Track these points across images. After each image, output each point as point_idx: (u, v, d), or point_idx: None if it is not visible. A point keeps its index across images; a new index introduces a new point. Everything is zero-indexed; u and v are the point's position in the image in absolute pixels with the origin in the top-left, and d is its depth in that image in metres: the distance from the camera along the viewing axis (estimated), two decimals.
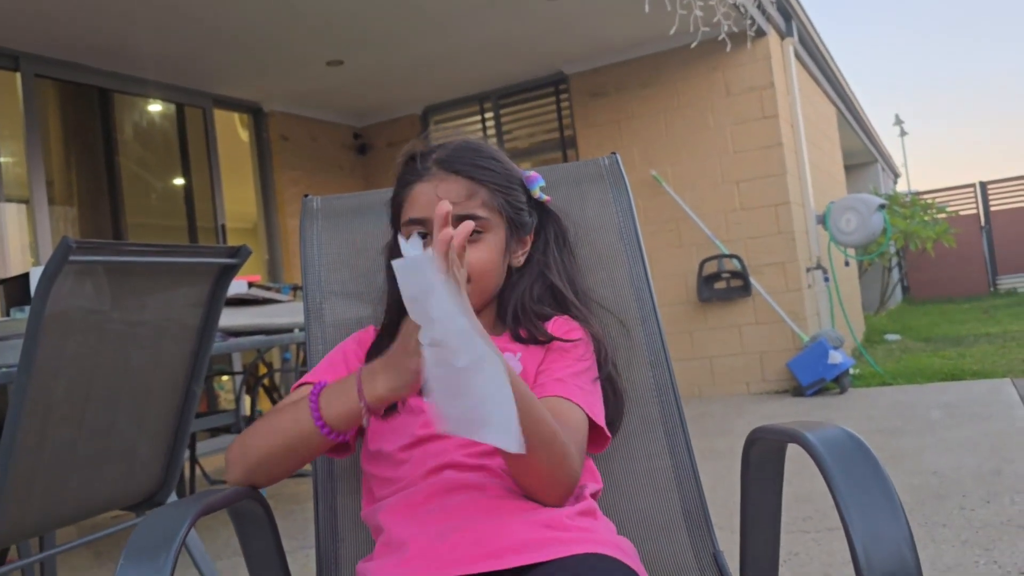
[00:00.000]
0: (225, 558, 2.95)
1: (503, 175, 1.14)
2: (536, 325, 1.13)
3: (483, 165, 1.12)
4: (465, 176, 1.10)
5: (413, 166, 1.14)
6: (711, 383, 5.90)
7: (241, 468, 1.01)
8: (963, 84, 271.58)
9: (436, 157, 1.12)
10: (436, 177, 1.10)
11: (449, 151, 1.13)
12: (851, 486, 0.73)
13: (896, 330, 8.76)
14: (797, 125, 6.07)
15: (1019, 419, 3.91)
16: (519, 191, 1.17)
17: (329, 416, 0.95)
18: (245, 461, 1.01)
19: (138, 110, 5.73)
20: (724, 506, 2.80)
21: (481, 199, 1.10)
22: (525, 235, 1.19)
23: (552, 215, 1.24)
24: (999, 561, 2.19)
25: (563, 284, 1.20)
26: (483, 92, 6.71)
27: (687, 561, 1.19)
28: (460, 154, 1.12)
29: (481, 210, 1.10)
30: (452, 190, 1.09)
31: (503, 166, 1.15)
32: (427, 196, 1.09)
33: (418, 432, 1.03)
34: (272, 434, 1.00)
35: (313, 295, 1.36)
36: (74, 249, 1.43)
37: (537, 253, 1.21)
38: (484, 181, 1.11)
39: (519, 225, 1.16)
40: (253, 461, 1.00)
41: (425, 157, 1.13)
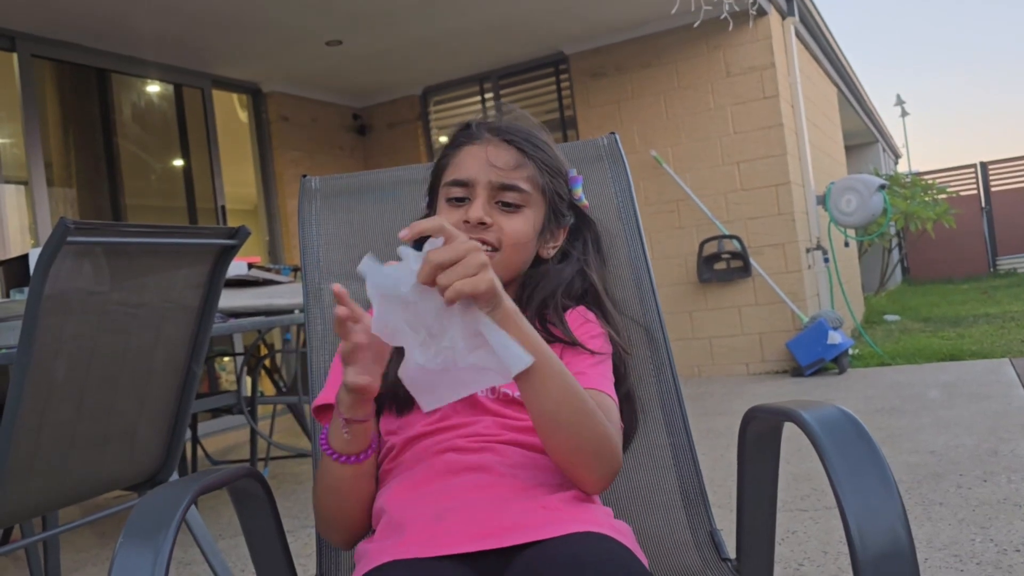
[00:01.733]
0: (228, 537, 2.97)
1: (553, 159, 1.15)
2: (563, 321, 1.11)
3: (535, 142, 1.13)
4: (516, 147, 1.11)
5: (467, 131, 1.15)
6: (711, 363, 5.92)
7: (324, 529, 1.07)
8: (966, 65, 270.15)
9: (491, 125, 1.13)
10: (488, 142, 1.11)
11: (505, 122, 1.14)
12: (845, 464, 0.74)
13: (895, 311, 8.77)
14: (798, 105, 6.04)
15: (1017, 399, 3.92)
16: (563, 182, 1.17)
17: (340, 447, 0.98)
18: (323, 523, 1.06)
19: (136, 91, 5.70)
20: (723, 485, 2.82)
21: (527, 173, 1.11)
22: (561, 227, 1.18)
23: (589, 221, 1.23)
24: (995, 539, 2.21)
25: (600, 286, 1.19)
26: (483, 72, 6.68)
27: (684, 539, 1.20)
28: (516, 127, 1.13)
29: (525, 183, 1.11)
30: (502, 156, 1.10)
31: (554, 152, 1.17)
32: (475, 158, 1.10)
33: (423, 429, 1.04)
34: (323, 490, 1.03)
35: (312, 276, 1.37)
36: (72, 230, 1.43)
37: (576, 251, 1.20)
38: (533, 156, 1.12)
39: (557, 213, 1.16)
40: (324, 516, 1.05)
41: (480, 125, 1.14)
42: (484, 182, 1.09)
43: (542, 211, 1.14)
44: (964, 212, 12.38)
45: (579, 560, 0.80)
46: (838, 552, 2.24)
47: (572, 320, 1.13)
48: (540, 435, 0.95)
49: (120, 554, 0.72)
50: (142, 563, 0.71)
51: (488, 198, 1.09)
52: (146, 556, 0.71)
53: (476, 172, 1.10)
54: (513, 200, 1.10)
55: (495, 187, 1.09)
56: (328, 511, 1.04)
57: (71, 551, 3.03)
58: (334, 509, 1.03)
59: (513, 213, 1.10)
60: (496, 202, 1.10)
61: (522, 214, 1.10)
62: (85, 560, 2.93)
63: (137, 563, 0.71)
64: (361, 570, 0.92)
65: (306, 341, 1.35)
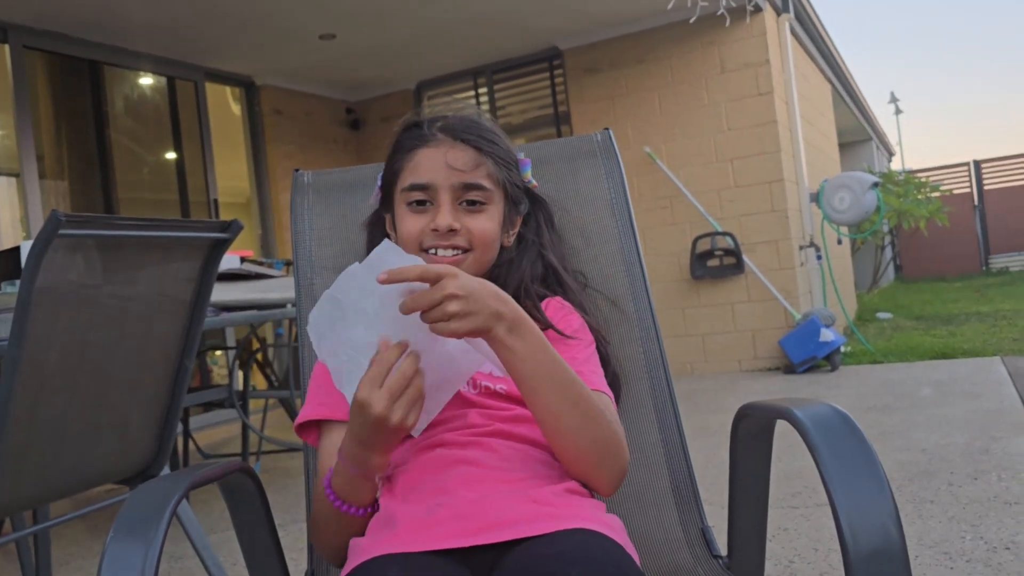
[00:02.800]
0: (219, 531, 2.96)
1: (505, 151, 1.15)
2: (538, 308, 1.13)
3: (489, 138, 1.12)
4: (473, 146, 1.10)
5: (417, 132, 1.13)
6: (703, 360, 5.93)
7: (318, 546, 1.05)
8: (960, 64, 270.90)
9: (441, 125, 1.12)
10: (444, 144, 1.10)
11: (455, 120, 1.13)
12: (837, 462, 0.74)
13: (888, 308, 8.80)
14: (792, 102, 6.05)
15: (1008, 397, 3.94)
16: (517, 171, 1.18)
17: (355, 500, 0.96)
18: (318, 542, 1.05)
19: (129, 83, 5.68)
20: (715, 482, 2.83)
21: (487, 170, 1.10)
22: (518, 215, 1.19)
23: (540, 200, 1.24)
24: (985, 537, 2.22)
25: (559, 265, 1.21)
26: (477, 67, 6.66)
27: (675, 536, 1.20)
28: (467, 124, 1.12)
29: (486, 181, 1.10)
30: (460, 158, 1.09)
31: (505, 143, 1.16)
32: (433, 161, 1.09)
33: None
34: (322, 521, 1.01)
35: (304, 270, 1.36)
36: (63, 223, 1.43)
37: (530, 234, 1.21)
38: (490, 153, 1.11)
39: (516, 203, 1.17)
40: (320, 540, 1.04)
41: (430, 124, 1.12)
42: (447, 186, 1.09)
43: (502, 204, 1.14)
44: (957, 210, 12.42)
45: (568, 557, 0.80)
46: (829, 549, 2.25)
47: (551, 312, 1.14)
48: (549, 440, 0.97)
49: (111, 548, 0.72)
50: (133, 557, 0.71)
51: (452, 201, 1.09)
52: (137, 550, 0.71)
53: (436, 176, 1.08)
54: (477, 198, 1.10)
55: (458, 189, 1.09)
56: (325, 536, 1.02)
57: (63, 544, 3.02)
58: (331, 536, 1.01)
59: (478, 212, 1.10)
60: (460, 203, 1.09)
61: (487, 212, 1.11)
62: (76, 554, 2.92)
63: (128, 557, 0.71)
64: (352, 563, 0.92)
65: (298, 336, 1.35)
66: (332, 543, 1.02)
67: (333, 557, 1.03)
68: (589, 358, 1.10)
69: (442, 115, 1.14)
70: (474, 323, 0.85)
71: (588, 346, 1.12)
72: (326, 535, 1.02)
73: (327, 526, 1.01)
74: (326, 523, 1.01)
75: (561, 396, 0.93)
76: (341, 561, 1.02)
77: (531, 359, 0.90)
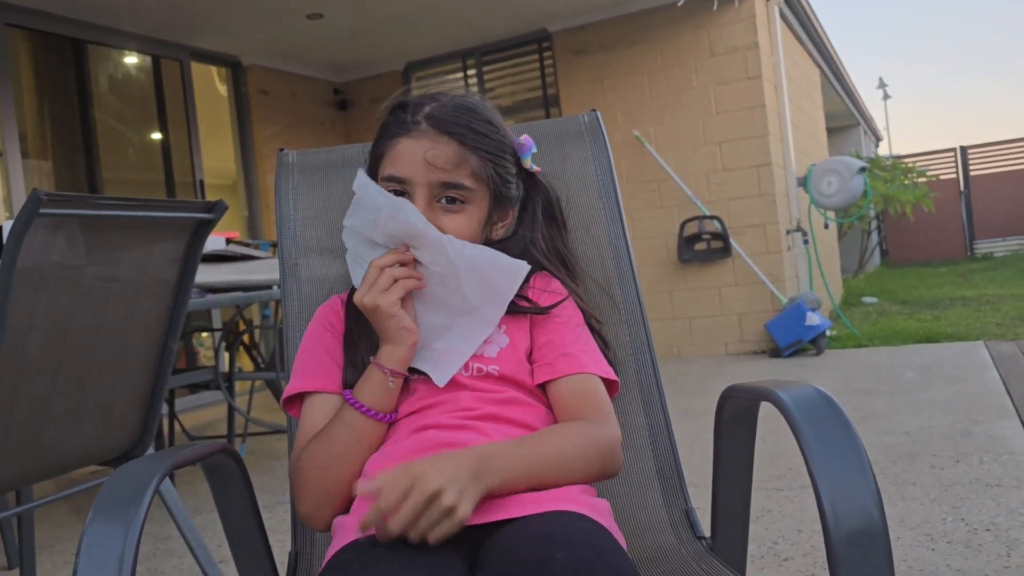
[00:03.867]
0: (204, 513, 2.96)
1: (496, 143, 1.08)
2: (522, 296, 1.10)
3: (478, 129, 1.05)
4: (457, 140, 1.03)
5: (401, 117, 1.06)
6: (690, 343, 5.95)
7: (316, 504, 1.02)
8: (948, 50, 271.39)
9: (428, 112, 1.05)
10: (426, 136, 1.03)
11: (444, 108, 1.05)
12: (820, 444, 0.74)
13: (873, 293, 8.84)
14: (780, 86, 6.04)
15: (991, 381, 3.98)
16: (509, 161, 1.11)
17: (376, 403, 1.02)
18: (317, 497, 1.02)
19: (113, 62, 5.61)
20: (700, 464, 2.84)
21: (470, 168, 1.04)
22: (509, 208, 1.14)
23: (541, 186, 1.18)
24: (966, 518, 2.24)
25: (549, 262, 1.16)
26: (466, 48, 6.62)
27: (660, 517, 1.20)
28: (455, 114, 1.05)
29: (468, 179, 1.04)
30: (441, 154, 1.02)
31: (498, 132, 1.09)
32: (412, 155, 1.03)
33: (405, 410, 1.04)
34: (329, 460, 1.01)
35: (289, 251, 1.35)
36: (45, 202, 1.41)
37: (523, 227, 1.16)
38: (476, 148, 1.04)
39: (504, 198, 1.11)
40: (322, 489, 1.01)
41: (416, 109, 1.06)
42: (423, 183, 1.03)
43: (486, 202, 1.08)
44: (943, 196, 12.48)
45: (553, 538, 0.80)
46: (812, 531, 2.27)
47: (539, 283, 1.12)
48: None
49: (90, 528, 0.71)
50: (113, 537, 0.70)
51: (428, 198, 1.04)
52: (117, 530, 0.71)
53: (413, 171, 1.03)
54: (456, 196, 1.05)
55: (436, 187, 1.04)
56: (330, 481, 1.00)
57: (46, 526, 3.01)
58: (335, 479, 1.00)
59: (456, 212, 1.05)
60: (438, 199, 1.05)
61: (465, 212, 1.06)
62: (60, 535, 2.91)
63: (108, 537, 0.70)
64: (339, 543, 0.92)
65: (284, 317, 1.34)
66: (332, 486, 1.00)
67: (327, 509, 1.01)
68: (579, 337, 1.09)
69: (433, 97, 1.08)
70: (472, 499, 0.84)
71: (576, 326, 1.10)
72: (329, 476, 1.00)
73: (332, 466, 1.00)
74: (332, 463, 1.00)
75: (550, 476, 0.94)
76: (324, 517, 1.01)
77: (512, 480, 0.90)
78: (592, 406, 1.03)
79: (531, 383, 1.06)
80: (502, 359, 1.06)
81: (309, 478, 1.02)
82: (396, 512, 0.81)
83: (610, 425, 1.02)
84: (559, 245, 1.19)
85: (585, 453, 0.98)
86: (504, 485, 0.89)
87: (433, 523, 0.81)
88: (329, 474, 1.01)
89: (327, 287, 1.32)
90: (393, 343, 1.02)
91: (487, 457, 0.88)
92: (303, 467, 1.02)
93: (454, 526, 0.81)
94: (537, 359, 1.07)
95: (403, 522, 0.80)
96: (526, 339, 1.08)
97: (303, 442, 1.04)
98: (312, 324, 1.16)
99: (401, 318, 1.02)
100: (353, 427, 1.01)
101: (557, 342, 1.07)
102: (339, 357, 1.09)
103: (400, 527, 0.80)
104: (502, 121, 1.12)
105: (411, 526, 0.81)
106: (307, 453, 1.02)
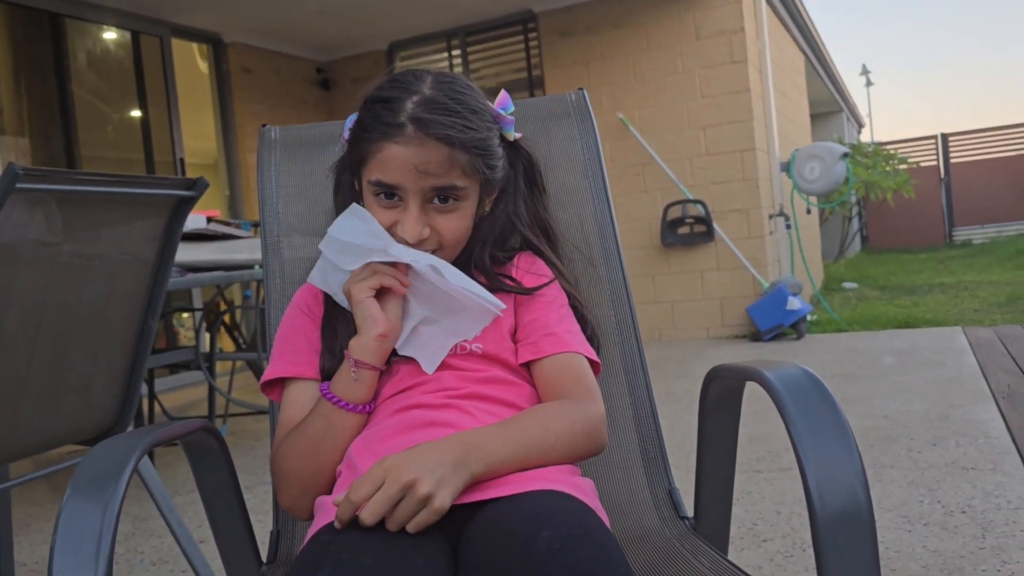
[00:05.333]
0: (184, 493, 2.95)
1: (483, 132, 1.04)
2: (507, 275, 1.10)
3: (464, 124, 1.01)
4: (446, 141, 0.99)
5: (384, 117, 1.00)
6: (671, 327, 5.97)
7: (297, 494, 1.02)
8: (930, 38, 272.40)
9: (412, 114, 0.99)
10: (413, 142, 0.99)
11: (428, 107, 1.00)
12: (807, 423, 0.74)
13: (854, 278, 8.91)
14: (765, 71, 6.04)
15: (968, 366, 4.02)
16: (496, 144, 1.08)
17: (348, 395, 1.01)
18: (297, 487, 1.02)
19: (92, 37, 5.52)
20: (680, 447, 2.86)
21: (460, 168, 1.01)
22: (495, 189, 1.12)
23: (522, 152, 1.15)
24: (942, 500, 2.27)
25: (535, 235, 1.15)
26: (450, 29, 6.57)
27: (643, 498, 1.20)
28: (440, 112, 1.00)
29: (459, 179, 1.02)
30: (432, 160, 0.99)
31: (482, 119, 1.04)
32: (401, 163, 0.99)
33: (389, 392, 1.03)
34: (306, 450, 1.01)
35: (271, 228, 1.34)
36: (21, 176, 1.38)
37: (507, 199, 1.13)
38: (466, 145, 1.01)
39: (492, 181, 1.09)
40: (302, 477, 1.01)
41: (397, 108, 1.00)
42: (415, 190, 1.00)
43: (477, 191, 1.06)
44: (923, 183, 12.56)
45: (539, 517, 0.80)
46: (791, 512, 2.29)
47: (523, 263, 1.11)
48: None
49: (68, 506, 0.70)
50: (91, 515, 0.69)
51: (422, 203, 1.02)
52: (95, 508, 0.70)
53: (403, 179, 1.00)
54: (450, 196, 1.03)
55: (427, 191, 1.01)
56: (308, 471, 1.00)
57: (24, 505, 2.98)
58: (312, 469, 1.00)
59: (450, 211, 1.03)
60: (431, 200, 1.02)
61: (459, 211, 1.04)
62: (38, 514, 2.89)
63: (86, 515, 0.69)
64: (320, 521, 0.91)
65: (265, 297, 1.32)
66: (311, 477, 1.00)
67: (307, 497, 1.01)
68: (563, 317, 1.08)
69: (413, 88, 1.02)
70: (453, 487, 0.84)
71: (561, 306, 1.10)
72: (307, 466, 1.00)
73: (310, 456, 1.00)
74: (309, 453, 1.00)
75: (535, 458, 0.93)
76: (306, 507, 1.01)
77: (497, 464, 0.90)
78: (576, 384, 1.02)
79: (515, 362, 1.05)
80: (485, 338, 1.05)
81: (289, 470, 1.02)
82: (368, 503, 0.81)
83: (594, 403, 1.02)
84: (541, 212, 1.17)
85: (570, 432, 0.97)
86: (489, 470, 0.89)
87: (410, 512, 0.81)
88: (307, 465, 1.00)
89: (309, 266, 1.30)
90: (360, 332, 1.01)
91: (470, 444, 0.88)
92: (282, 459, 1.02)
93: (432, 515, 0.81)
94: (521, 338, 1.07)
95: (374, 511, 0.80)
96: (510, 317, 1.08)
97: (283, 432, 1.04)
98: (290, 307, 1.14)
99: (369, 306, 1.01)
100: (328, 419, 1.00)
101: (541, 321, 1.07)
102: (317, 342, 1.09)
103: (372, 517, 0.80)
104: (485, 99, 1.09)
105: (388, 516, 0.81)
106: (286, 445, 1.02)
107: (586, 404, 1.01)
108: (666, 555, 1.04)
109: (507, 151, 1.13)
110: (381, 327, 1.00)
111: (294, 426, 1.03)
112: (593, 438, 1.00)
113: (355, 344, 1.01)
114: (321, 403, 1.01)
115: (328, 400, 1.01)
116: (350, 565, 0.77)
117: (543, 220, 1.17)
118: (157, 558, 2.39)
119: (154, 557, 2.40)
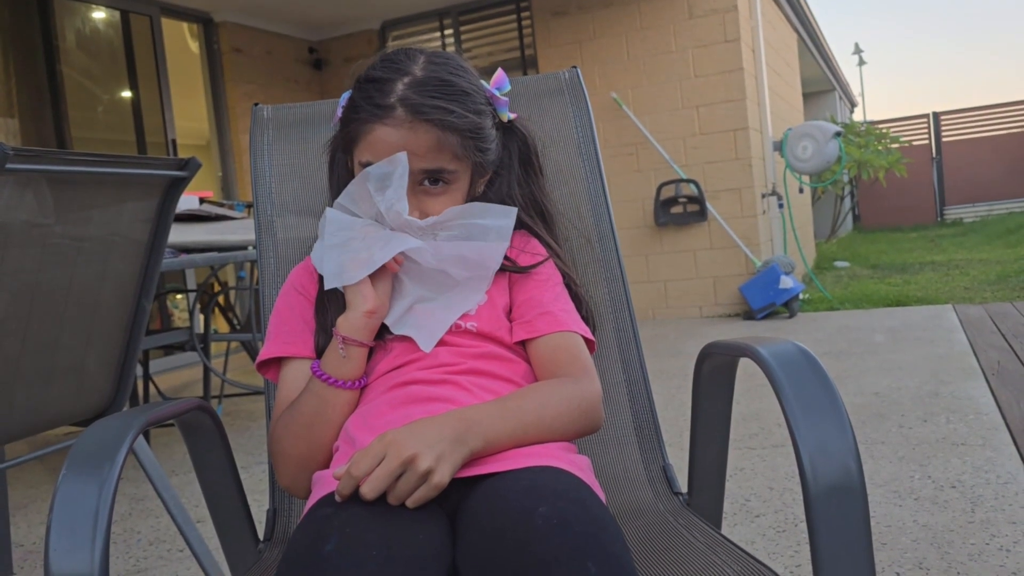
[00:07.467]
0: (181, 474, 2.95)
1: (475, 115, 1.02)
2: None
3: (456, 107, 1.00)
4: (436, 124, 0.99)
5: (375, 98, 0.99)
6: (664, 306, 5.98)
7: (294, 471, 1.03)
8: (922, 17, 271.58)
9: (402, 96, 0.99)
10: (403, 125, 0.98)
11: (418, 88, 0.99)
12: (800, 399, 0.74)
13: (845, 257, 8.93)
14: (758, 50, 6.02)
15: (958, 343, 4.04)
16: (489, 127, 1.06)
17: (338, 372, 1.01)
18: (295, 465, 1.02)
19: (81, 16, 5.46)
20: (673, 424, 2.88)
21: (451, 150, 1.01)
22: (489, 169, 1.10)
23: (517, 133, 1.14)
24: (932, 476, 2.29)
25: (529, 216, 1.14)
26: (443, 8, 6.52)
27: (637, 473, 1.21)
28: (431, 94, 0.99)
29: (449, 162, 1.01)
30: (421, 143, 0.99)
31: (474, 101, 1.03)
32: (390, 145, 0.99)
33: (385, 368, 1.04)
34: (301, 428, 1.01)
35: (264, 208, 1.33)
36: (11, 156, 1.37)
37: (501, 180, 1.13)
38: (456, 127, 1.00)
39: (484, 163, 1.08)
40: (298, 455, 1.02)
41: (388, 89, 1.00)
42: None
43: (468, 173, 1.06)
44: (915, 162, 12.56)
45: (536, 492, 0.81)
46: (783, 488, 2.30)
47: (517, 242, 1.11)
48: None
49: (63, 485, 0.70)
50: (87, 494, 0.69)
51: (411, 185, 1.01)
52: (91, 487, 0.70)
53: None
54: (439, 178, 1.02)
55: (416, 173, 1.01)
56: (303, 449, 1.01)
57: (20, 487, 2.99)
58: (307, 447, 1.01)
59: (441, 194, 1.03)
60: (420, 182, 1.02)
61: (449, 193, 1.04)
62: (35, 495, 2.90)
63: (81, 494, 0.69)
64: (318, 493, 0.92)
65: (259, 278, 1.32)
66: (308, 454, 1.01)
67: (304, 473, 1.01)
68: (558, 296, 1.08)
69: (404, 68, 1.01)
70: (452, 463, 0.84)
71: (556, 285, 1.10)
72: (304, 443, 1.01)
73: (305, 433, 1.00)
74: (305, 430, 1.00)
75: (533, 434, 0.94)
76: (304, 486, 1.02)
77: (495, 440, 0.90)
78: (573, 362, 1.03)
79: (509, 340, 1.05)
80: (480, 315, 1.05)
81: (285, 449, 1.02)
82: (368, 477, 0.81)
83: (591, 381, 1.02)
84: (536, 193, 1.16)
85: (568, 410, 0.98)
86: (488, 446, 0.89)
87: (411, 488, 0.81)
88: (302, 443, 1.01)
89: (303, 245, 1.31)
90: (349, 309, 1.02)
91: (470, 420, 0.89)
92: (278, 438, 1.03)
93: (432, 490, 0.82)
94: (516, 317, 1.07)
95: (375, 486, 0.81)
96: (504, 296, 1.08)
97: (280, 411, 1.05)
98: (285, 287, 1.14)
99: (360, 283, 1.01)
100: (320, 397, 1.01)
101: (536, 300, 1.07)
102: (311, 321, 1.09)
103: (373, 491, 0.81)
104: (479, 80, 1.08)
105: (389, 490, 0.81)
106: (281, 424, 1.03)
107: (583, 382, 1.01)
108: (660, 530, 1.05)
109: (501, 132, 1.12)
110: (370, 303, 1.01)
111: (288, 405, 1.03)
112: (590, 416, 1.00)
113: (343, 321, 1.01)
114: (312, 381, 1.02)
115: (318, 378, 1.01)
116: (356, 540, 0.77)
117: (539, 201, 1.17)
118: (154, 538, 2.40)
119: (151, 537, 2.41)
